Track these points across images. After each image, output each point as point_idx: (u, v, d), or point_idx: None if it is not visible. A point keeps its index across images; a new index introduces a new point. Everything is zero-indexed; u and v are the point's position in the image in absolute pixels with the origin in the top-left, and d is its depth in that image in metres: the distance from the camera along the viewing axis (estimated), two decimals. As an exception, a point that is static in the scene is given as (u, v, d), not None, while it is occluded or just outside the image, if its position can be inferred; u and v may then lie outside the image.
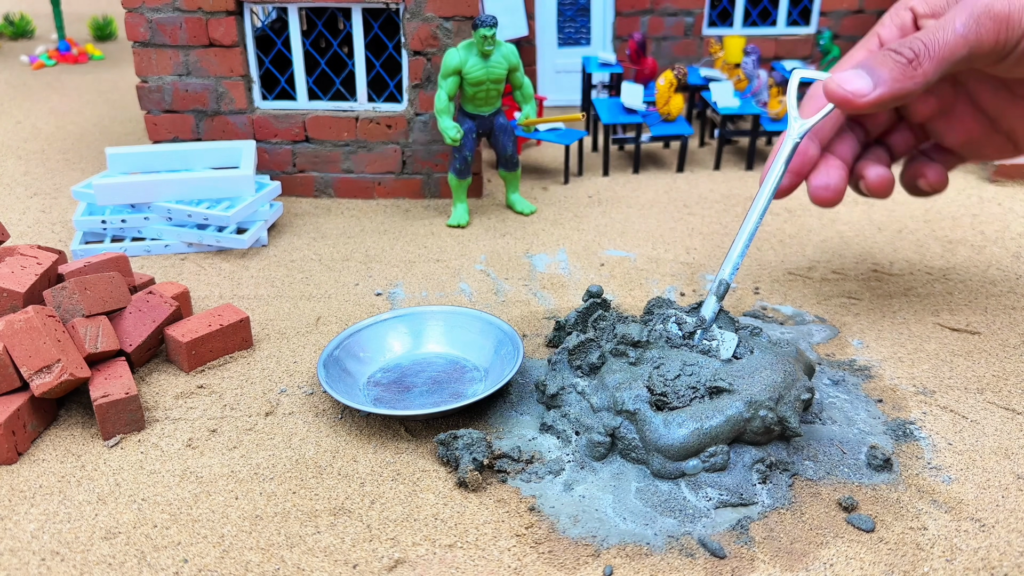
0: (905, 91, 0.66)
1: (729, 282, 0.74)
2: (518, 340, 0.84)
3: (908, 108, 0.77)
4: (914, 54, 0.65)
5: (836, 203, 0.77)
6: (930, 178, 0.78)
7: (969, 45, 0.64)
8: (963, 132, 0.74)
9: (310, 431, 0.77)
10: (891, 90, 0.66)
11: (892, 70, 0.66)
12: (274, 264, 1.14)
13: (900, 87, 0.66)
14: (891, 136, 0.80)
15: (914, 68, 0.65)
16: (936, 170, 0.78)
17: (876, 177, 0.76)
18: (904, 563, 0.60)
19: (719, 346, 0.74)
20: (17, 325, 0.74)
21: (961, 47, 0.64)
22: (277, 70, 1.45)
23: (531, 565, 0.60)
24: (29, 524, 0.65)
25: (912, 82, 0.66)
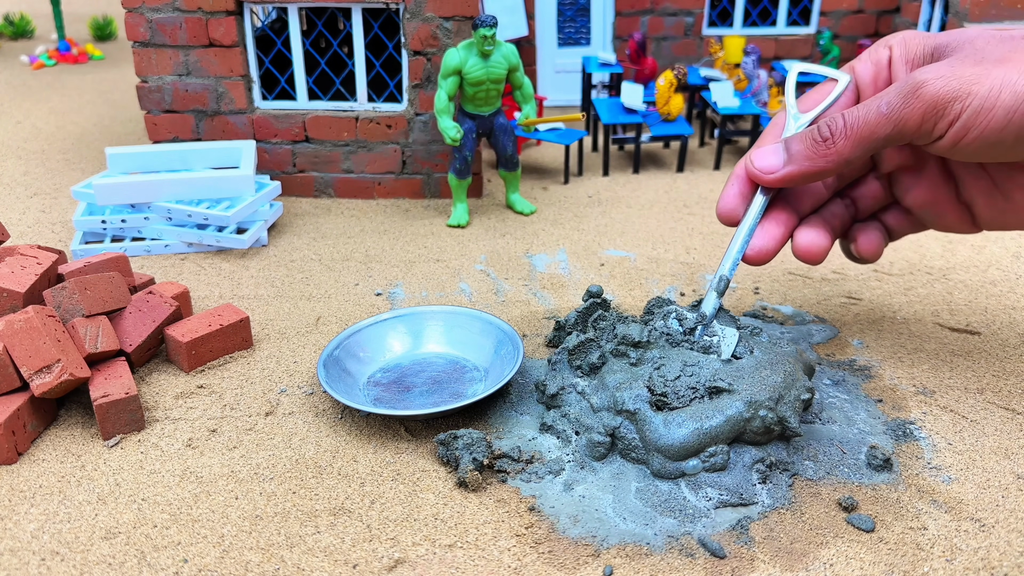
0: (816, 169, 0.66)
1: (729, 277, 0.73)
2: (518, 340, 0.84)
3: (880, 156, 0.74)
4: (830, 133, 0.65)
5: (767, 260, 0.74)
6: (861, 245, 0.74)
7: (892, 124, 0.62)
8: (926, 192, 0.72)
9: (310, 431, 0.77)
10: (800, 168, 0.66)
11: (805, 149, 0.66)
12: (274, 264, 1.14)
13: (810, 166, 0.66)
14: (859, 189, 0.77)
15: (827, 147, 0.65)
16: (870, 238, 0.74)
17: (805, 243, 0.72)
18: (904, 563, 0.60)
19: (720, 342, 0.74)
20: (17, 325, 0.74)
21: (884, 126, 0.63)
22: (277, 70, 1.45)
23: (531, 565, 0.60)
24: (29, 524, 0.65)
25: (824, 160, 0.65)
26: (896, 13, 1.97)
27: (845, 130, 0.64)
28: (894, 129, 0.63)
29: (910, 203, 0.73)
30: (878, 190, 0.76)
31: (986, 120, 0.59)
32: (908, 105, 0.61)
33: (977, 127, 0.60)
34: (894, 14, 1.97)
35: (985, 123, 0.59)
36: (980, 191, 0.69)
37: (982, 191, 0.69)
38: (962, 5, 1.58)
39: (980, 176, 0.69)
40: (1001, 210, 0.68)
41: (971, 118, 0.60)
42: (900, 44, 0.70)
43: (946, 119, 0.61)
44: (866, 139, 0.64)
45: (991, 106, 0.59)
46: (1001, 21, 1.55)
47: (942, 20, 1.71)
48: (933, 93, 0.60)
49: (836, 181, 0.76)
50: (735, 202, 0.73)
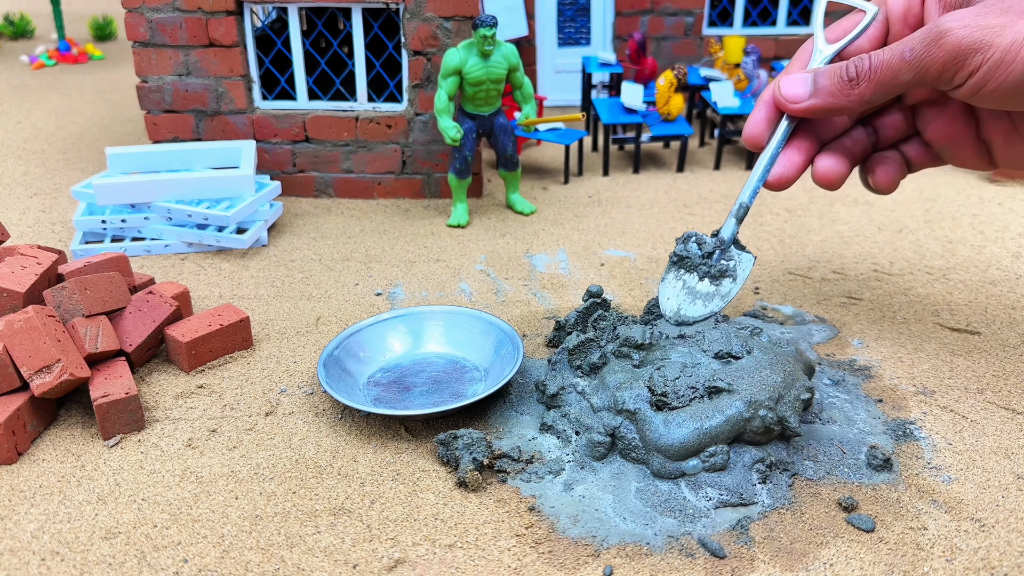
0: (838, 106, 0.68)
1: (749, 204, 0.74)
2: (518, 340, 0.84)
3: None
4: (856, 74, 0.67)
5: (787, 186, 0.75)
6: (878, 176, 0.76)
7: (914, 70, 0.64)
8: (947, 127, 0.73)
9: (310, 431, 0.77)
10: (824, 102, 0.69)
11: (831, 84, 0.69)
12: (274, 264, 1.14)
13: (833, 102, 0.68)
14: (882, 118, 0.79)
15: (852, 87, 0.67)
16: (887, 170, 0.76)
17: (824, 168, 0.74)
18: (904, 563, 0.60)
19: (736, 266, 0.74)
20: (17, 325, 0.74)
21: (906, 71, 0.64)
22: (277, 70, 1.45)
23: (531, 565, 0.60)
24: (29, 524, 0.65)
25: (847, 99, 0.68)
26: (896, 13, 1.96)
27: (870, 72, 0.66)
28: (916, 75, 0.64)
29: (930, 136, 0.74)
30: (900, 122, 0.77)
31: (1004, 73, 0.60)
32: (930, 53, 0.62)
33: (996, 79, 0.61)
34: (894, 14, 1.97)
35: (1004, 76, 0.60)
36: (999, 131, 0.70)
37: (1001, 131, 0.70)
38: (962, 5, 1.58)
39: (1000, 116, 0.70)
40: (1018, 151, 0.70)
41: (990, 70, 0.61)
42: None
43: (966, 69, 0.62)
44: (888, 82, 0.65)
45: (1011, 60, 0.60)
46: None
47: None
48: (955, 42, 0.61)
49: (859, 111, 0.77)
50: (761, 127, 0.75)
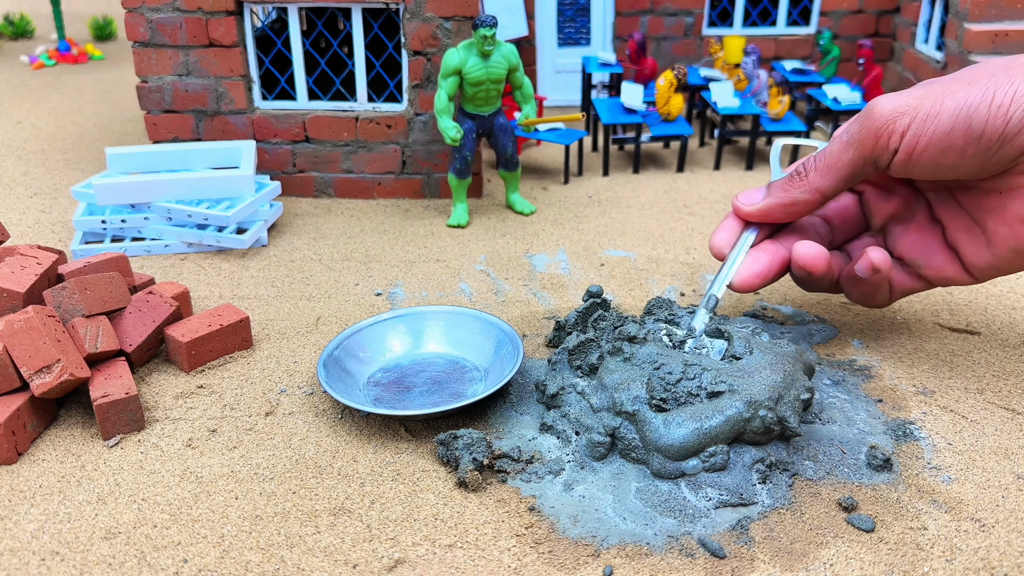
0: (791, 199, 0.73)
1: (719, 298, 0.78)
2: (518, 340, 0.84)
3: (870, 209, 0.79)
4: (803, 169, 0.72)
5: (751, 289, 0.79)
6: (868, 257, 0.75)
7: (853, 147, 0.68)
8: (915, 238, 0.76)
9: (310, 431, 0.77)
10: (777, 199, 0.73)
11: (782, 184, 0.74)
12: (274, 264, 1.14)
13: (785, 196, 0.73)
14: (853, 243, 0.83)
15: (800, 179, 0.72)
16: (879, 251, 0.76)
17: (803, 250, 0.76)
18: (904, 563, 0.60)
19: (708, 352, 0.76)
20: (17, 325, 0.74)
21: (846, 151, 0.68)
22: (277, 70, 1.45)
23: (531, 565, 0.60)
24: (29, 524, 0.65)
25: (798, 191, 0.72)
26: (896, 13, 1.96)
27: (815, 163, 0.71)
28: (855, 152, 0.68)
29: (901, 251, 0.77)
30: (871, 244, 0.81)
31: (933, 125, 0.64)
32: (863, 127, 0.67)
33: (927, 133, 0.64)
34: (894, 14, 1.97)
35: (933, 128, 0.64)
36: (961, 229, 0.73)
37: (963, 229, 0.73)
38: (962, 5, 1.58)
39: (959, 214, 0.73)
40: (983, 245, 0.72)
41: (919, 126, 0.64)
42: None
43: (897, 132, 0.65)
44: (833, 166, 0.70)
45: (936, 112, 0.63)
46: (1001, 21, 1.55)
47: (942, 20, 1.71)
48: (881, 111, 0.66)
49: (830, 234, 0.82)
50: (725, 235, 0.80)
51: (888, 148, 0.67)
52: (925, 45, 1.80)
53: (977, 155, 0.65)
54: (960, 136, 0.63)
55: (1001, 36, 1.54)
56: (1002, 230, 0.71)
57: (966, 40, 1.56)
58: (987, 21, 1.55)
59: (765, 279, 0.79)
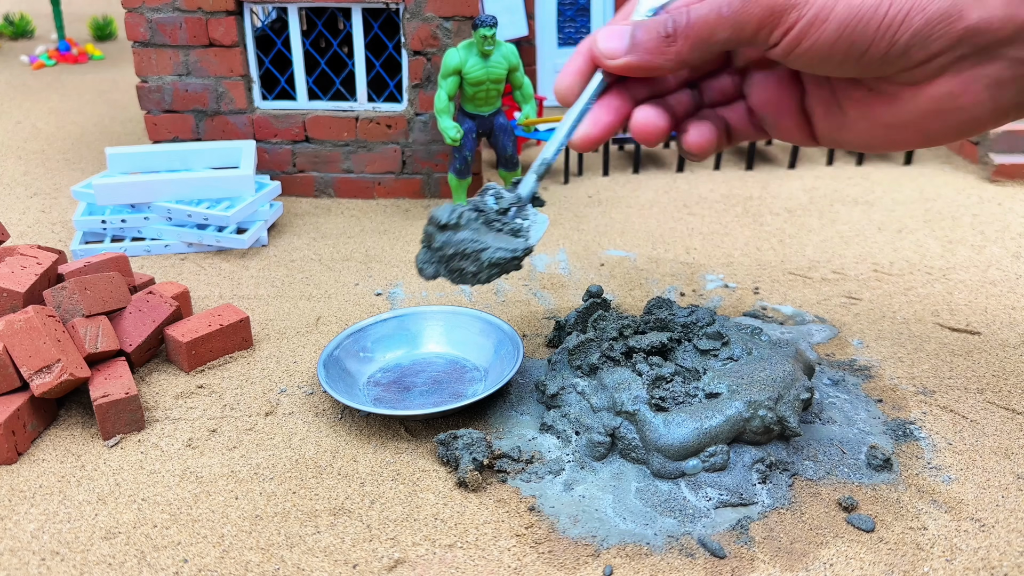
0: (655, 64, 0.64)
1: (551, 161, 0.71)
2: (518, 340, 0.84)
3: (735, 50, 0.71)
4: (673, 30, 0.63)
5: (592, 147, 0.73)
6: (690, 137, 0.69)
7: (732, 27, 0.60)
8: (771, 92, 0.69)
9: (310, 431, 0.77)
10: (641, 60, 0.64)
11: (648, 41, 0.64)
12: (274, 264, 1.14)
13: (650, 60, 0.64)
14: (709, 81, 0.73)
15: (667, 44, 0.63)
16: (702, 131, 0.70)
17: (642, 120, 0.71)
18: (904, 563, 0.60)
19: (530, 227, 0.70)
20: (17, 325, 0.74)
21: (723, 28, 0.61)
22: (277, 70, 1.45)
23: (531, 565, 0.60)
24: (29, 524, 0.65)
25: (663, 58, 0.63)
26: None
27: (686, 28, 0.62)
28: (732, 32, 0.61)
29: (754, 102, 0.70)
30: (728, 85, 0.73)
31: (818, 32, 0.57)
32: (747, 8, 0.59)
33: (809, 38, 0.58)
34: (894, 14, 1.97)
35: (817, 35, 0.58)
36: (820, 101, 0.67)
37: (821, 101, 0.67)
38: None
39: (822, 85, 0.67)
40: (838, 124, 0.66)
41: (804, 28, 0.58)
42: None
43: (782, 27, 0.59)
44: (705, 40, 0.62)
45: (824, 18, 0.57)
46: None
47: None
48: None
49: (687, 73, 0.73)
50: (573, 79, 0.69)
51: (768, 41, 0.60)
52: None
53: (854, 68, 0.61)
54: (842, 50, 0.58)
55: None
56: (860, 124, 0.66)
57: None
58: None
59: (604, 138, 0.72)
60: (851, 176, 1.51)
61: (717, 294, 1.03)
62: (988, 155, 1.50)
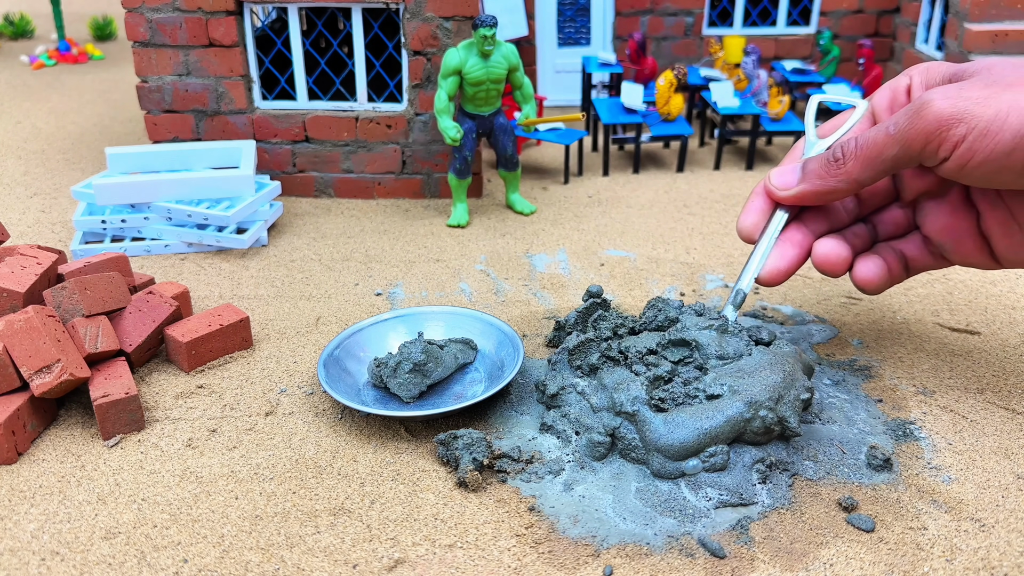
0: (828, 188, 0.68)
1: (746, 292, 0.76)
2: (518, 341, 0.84)
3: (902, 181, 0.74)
4: (842, 154, 0.67)
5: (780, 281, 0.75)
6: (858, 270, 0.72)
7: (899, 144, 0.62)
8: (946, 219, 0.71)
9: (310, 431, 0.77)
10: (813, 186, 0.68)
11: (818, 168, 0.68)
12: (274, 264, 1.14)
13: (822, 184, 0.68)
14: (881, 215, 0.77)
15: (838, 167, 0.67)
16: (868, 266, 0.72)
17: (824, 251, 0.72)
18: (904, 563, 0.60)
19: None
20: (17, 325, 0.74)
21: (891, 146, 0.63)
22: (277, 70, 1.45)
23: (531, 565, 0.60)
24: (29, 524, 0.65)
25: (835, 180, 0.67)
26: (896, 13, 1.96)
27: (856, 151, 0.65)
28: (900, 149, 0.62)
29: (929, 231, 0.73)
30: (900, 217, 0.76)
31: (992, 143, 0.58)
32: (913, 125, 0.61)
33: (983, 150, 0.59)
34: (894, 14, 1.97)
35: (992, 146, 0.58)
36: (998, 221, 0.68)
37: (999, 221, 0.68)
38: (962, 5, 1.58)
39: (998, 206, 0.68)
40: (1018, 242, 0.68)
41: (977, 140, 0.58)
42: (921, 72, 0.71)
43: (951, 141, 0.60)
44: (875, 159, 0.64)
45: (998, 128, 0.58)
46: (1001, 21, 1.55)
47: (942, 20, 1.71)
48: (937, 112, 0.59)
49: (858, 207, 0.77)
50: (755, 218, 0.75)
51: (937, 155, 0.61)
52: (925, 45, 1.80)
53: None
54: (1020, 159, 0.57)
55: (1001, 36, 1.54)
56: None
57: (966, 40, 1.56)
58: (987, 21, 1.55)
59: (791, 272, 0.74)
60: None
61: (717, 294, 1.03)
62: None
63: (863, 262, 0.74)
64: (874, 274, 0.74)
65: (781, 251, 0.74)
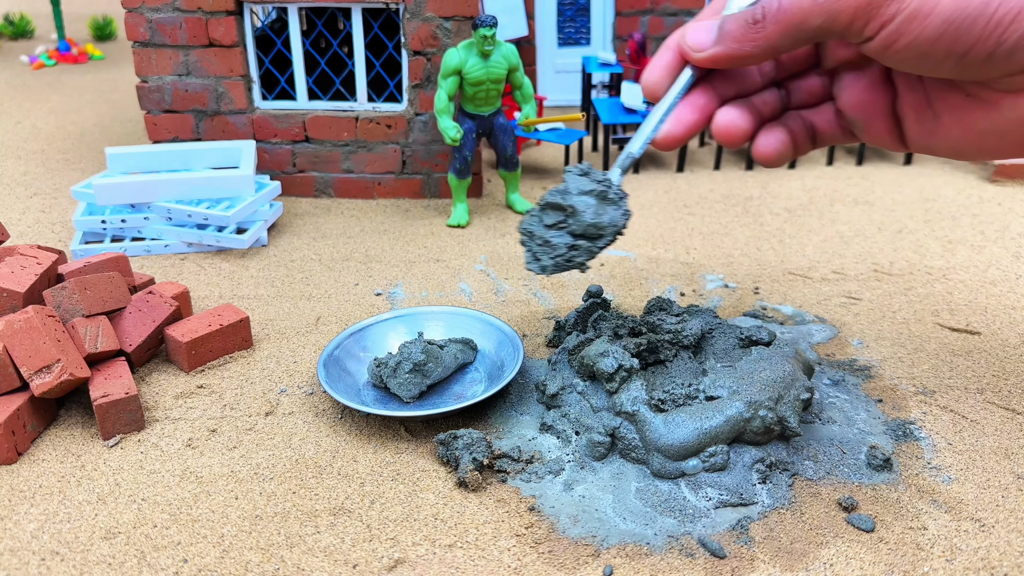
0: (743, 53, 0.61)
1: (637, 156, 0.71)
2: (518, 341, 0.84)
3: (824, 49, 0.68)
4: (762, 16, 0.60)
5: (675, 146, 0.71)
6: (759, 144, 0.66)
7: (825, 14, 0.57)
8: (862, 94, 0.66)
9: (310, 431, 0.77)
10: (728, 49, 0.62)
11: (736, 29, 0.62)
12: (274, 264, 1.14)
13: (738, 48, 0.61)
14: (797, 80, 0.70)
15: (756, 31, 0.60)
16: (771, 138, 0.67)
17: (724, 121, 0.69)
18: (904, 563, 0.60)
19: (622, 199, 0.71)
20: (17, 325, 0.74)
21: (816, 15, 0.57)
22: (277, 70, 1.45)
23: (531, 565, 0.60)
24: (29, 524, 0.65)
25: (752, 44, 0.61)
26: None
27: (777, 14, 0.60)
28: (826, 19, 0.57)
29: (844, 104, 0.67)
30: (816, 86, 0.69)
31: (920, 26, 0.54)
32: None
33: (909, 33, 0.55)
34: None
35: (919, 30, 0.54)
36: (912, 105, 0.64)
37: (914, 105, 0.63)
38: None
39: (916, 89, 0.64)
40: (930, 130, 0.63)
41: (904, 23, 0.55)
42: None
43: (878, 19, 0.55)
44: (797, 26, 0.59)
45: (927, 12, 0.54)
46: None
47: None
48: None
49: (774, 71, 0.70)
50: (661, 74, 0.68)
51: (863, 33, 0.56)
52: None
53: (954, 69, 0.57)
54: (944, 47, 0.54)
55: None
56: (954, 131, 0.63)
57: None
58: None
59: (688, 137, 0.70)
60: (851, 176, 1.51)
61: (717, 294, 1.03)
62: (988, 155, 1.50)
63: (765, 135, 0.69)
64: (774, 149, 0.69)
65: (679, 115, 0.68)
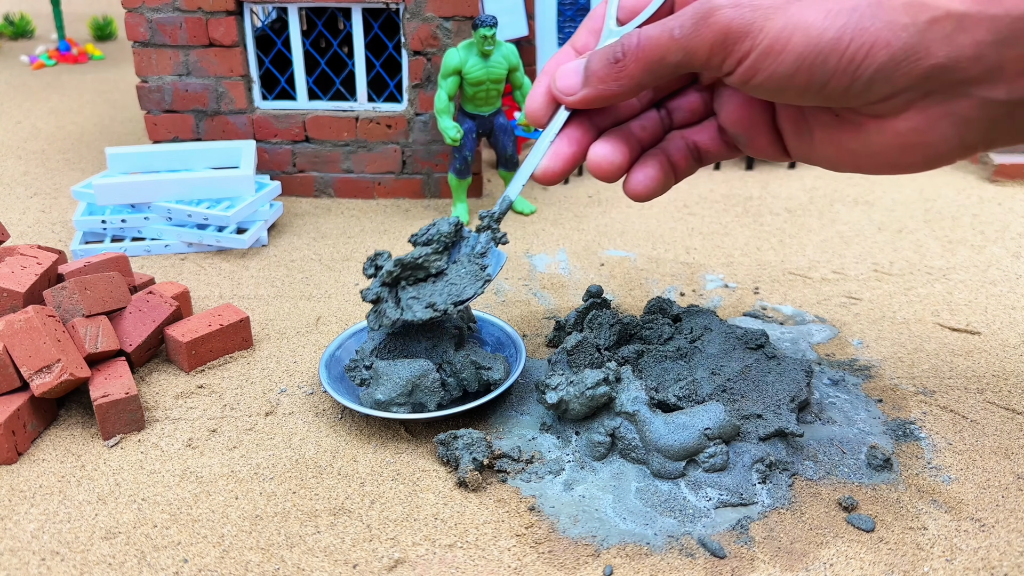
0: (610, 93, 0.62)
1: (512, 200, 0.71)
2: (519, 342, 0.84)
3: None
4: (623, 54, 0.60)
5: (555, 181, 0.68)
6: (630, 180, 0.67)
7: (682, 51, 0.57)
8: (741, 110, 0.65)
9: (310, 431, 0.77)
10: (596, 91, 0.62)
11: (599, 69, 0.62)
12: (274, 264, 1.14)
13: (604, 89, 0.62)
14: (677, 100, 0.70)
15: (619, 69, 0.60)
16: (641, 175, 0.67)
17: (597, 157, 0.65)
18: (904, 563, 0.60)
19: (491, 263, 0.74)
20: (17, 325, 0.74)
21: (674, 51, 0.57)
22: (277, 70, 1.45)
23: (531, 565, 0.60)
24: (29, 524, 0.65)
25: (617, 84, 0.61)
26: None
27: (636, 51, 0.59)
28: (684, 56, 0.57)
29: (725, 119, 0.67)
30: (697, 103, 0.69)
31: (775, 63, 0.54)
32: (698, 33, 0.56)
33: (765, 69, 0.55)
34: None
35: (774, 67, 0.54)
36: (789, 119, 0.63)
37: (791, 120, 0.63)
38: None
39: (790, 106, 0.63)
40: (806, 144, 0.63)
41: (759, 59, 0.55)
42: None
43: (735, 55, 0.56)
44: (656, 63, 0.59)
45: (780, 49, 0.54)
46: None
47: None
48: (724, 23, 0.55)
49: (651, 92, 0.70)
50: (539, 102, 0.67)
51: (722, 69, 0.57)
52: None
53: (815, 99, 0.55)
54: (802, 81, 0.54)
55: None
56: (827, 148, 0.62)
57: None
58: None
59: (567, 172, 0.69)
60: (851, 176, 1.52)
61: (717, 294, 1.03)
62: (988, 155, 1.50)
63: (637, 171, 0.67)
64: (643, 186, 0.66)
65: (557, 149, 0.66)
